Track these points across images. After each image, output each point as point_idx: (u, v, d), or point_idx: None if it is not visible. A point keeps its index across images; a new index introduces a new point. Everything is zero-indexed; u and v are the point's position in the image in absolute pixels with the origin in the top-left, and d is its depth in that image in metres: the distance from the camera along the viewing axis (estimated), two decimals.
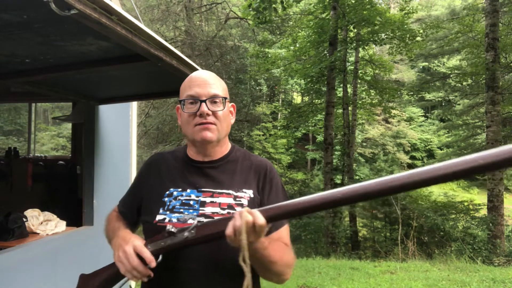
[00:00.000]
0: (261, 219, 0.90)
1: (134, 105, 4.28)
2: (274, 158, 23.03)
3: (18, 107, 16.38)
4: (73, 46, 2.00)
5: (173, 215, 1.13)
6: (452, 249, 8.71)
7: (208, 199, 1.14)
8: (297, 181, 19.59)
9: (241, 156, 1.26)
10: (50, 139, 18.58)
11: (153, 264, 0.98)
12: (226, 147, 1.25)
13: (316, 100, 14.67)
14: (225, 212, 1.12)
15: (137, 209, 1.25)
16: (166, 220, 1.12)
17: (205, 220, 1.07)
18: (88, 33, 1.73)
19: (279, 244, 1.11)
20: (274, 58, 14.44)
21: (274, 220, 0.93)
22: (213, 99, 1.16)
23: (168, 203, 1.15)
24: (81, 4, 1.32)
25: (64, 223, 3.15)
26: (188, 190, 1.16)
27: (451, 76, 15.13)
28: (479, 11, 12.70)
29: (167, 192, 1.17)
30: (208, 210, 1.12)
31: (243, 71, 16.38)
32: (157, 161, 1.29)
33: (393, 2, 26.01)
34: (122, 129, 4.10)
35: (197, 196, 1.15)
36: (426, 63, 27.02)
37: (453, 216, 10.63)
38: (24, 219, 2.89)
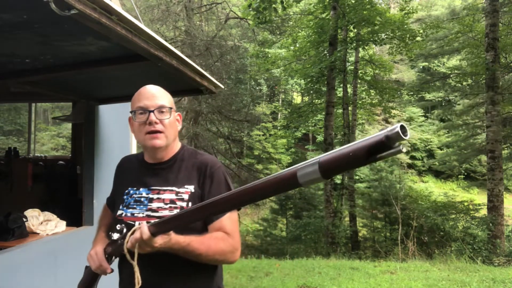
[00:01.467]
0: (145, 235, 1.09)
1: None
2: (274, 158, 23.04)
3: (18, 107, 16.37)
4: (73, 46, 2.00)
5: (128, 210, 1.35)
6: (452, 249, 8.71)
7: (155, 196, 1.33)
8: None
9: (188, 155, 1.42)
10: (50, 139, 18.58)
11: (108, 270, 1.30)
12: (174, 149, 1.41)
13: (316, 100, 14.67)
14: (167, 206, 1.30)
15: (113, 202, 1.49)
16: (123, 215, 1.35)
17: (137, 224, 1.25)
18: (88, 33, 1.73)
19: (210, 236, 1.26)
20: (274, 58, 14.44)
21: (163, 232, 1.11)
22: (160, 109, 1.32)
23: (126, 200, 1.37)
24: (81, 4, 1.32)
25: (64, 223, 3.15)
26: (141, 189, 1.37)
27: (451, 76, 15.12)
28: (479, 11, 12.70)
29: (126, 191, 1.40)
30: (154, 205, 1.32)
31: (243, 71, 16.37)
32: (123, 164, 1.53)
33: (393, 2, 26.00)
34: (122, 129, 4.09)
35: (147, 194, 1.35)
36: (426, 63, 26.99)
37: (453, 216, 10.63)
38: (24, 219, 2.89)
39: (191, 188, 1.33)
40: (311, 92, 14.88)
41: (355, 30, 13.35)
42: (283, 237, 14.00)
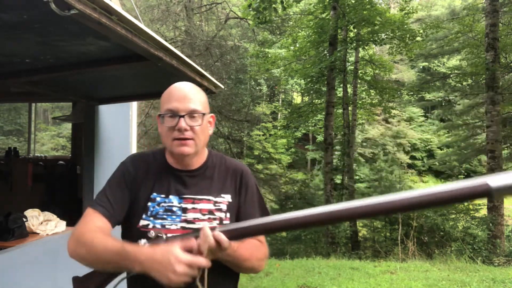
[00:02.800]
0: (225, 242, 1.00)
1: (134, 105, 4.27)
2: (274, 158, 23.02)
3: (18, 107, 16.38)
4: (73, 46, 2.00)
5: (157, 221, 1.17)
6: (452, 249, 8.70)
7: (189, 205, 1.20)
8: (297, 181, 19.57)
9: (218, 162, 1.31)
10: (50, 139, 18.59)
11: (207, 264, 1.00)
12: (203, 155, 1.29)
13: (316, 100, 14.67)
14: (205, 217, 1.19)
15: (127, 209, 1.20)
16: (150, 226, 1.16)
17: (173, 234, 1.12)
18: (88, 33, 1.73)
19: (250, 242, 1.19)
20: (274, 58, 14.43)
21: (238, 239, 1.03)
22: (191, 114, 1.18)
23: (152, 209, 1.18)
24: (81, 4, 1.32)
25: (64, 223, 3.15)
26: (170, 197, 1.20)
27: (451, 76, 15.13)
28: (479, 11, 12.70)
29: (151, 197, 1.20)
30: (190, 216, 1.18)
31: (243, 71, 16.37)
32: (141, 162, 1.27)
33: (393, 2, 26.00)
34: (122, 129, 4.09)
35: (179, 203, 1.20)
36: (426, 63, 27.01)
37: (453, 216, 10.62)
38: (24, 219, 2.89)
39: (227, 197, 1.25)
40: (311, 92, 14.88)
41: (355, 30, 13.35)
42: (283, 237, 14.00)
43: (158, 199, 1.20)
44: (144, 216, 1.18)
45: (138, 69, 2.42)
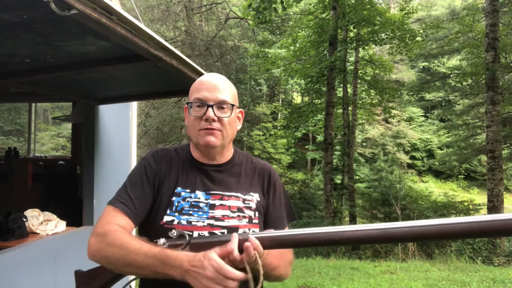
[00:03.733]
0: (263, 252, 0.92)
1: (134, 105, 4.28)
2: (274, 158, 23.04)
3: (18, 107, 16.37)
4: (73, 46, 2.00)
5: (182, 217, 1.09)
6: (452, 249, 8.70)
7: (217, 202, 1.14)
8: (297, 181, 19.61)
9: (244, 159, 1.27)
10: (50, 139, 18.58)
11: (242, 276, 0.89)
12: (230, 151, 1.24)
13: (316, 100, 14.67)
14: (235, 215, 1.13)
15: (150, 206, 1.12)
16: (175, 222, 1.08)
17: (196, 235, 1.06)
18: (88, 33, 1.73)
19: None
20: (274, 58, 14.44)
21: (273, 248, 0.94)
22: (220, 104, 1.14)
23: (176, 204, 1.11)
24: (81, 4, 1.32)
25: (64, 223, 3.15)
26: (197, 192, 1.14)
27: (451, 76, 15.13)
28: (479, 11, 12.70)
29: (175, 191, 1.13)
30: (218, 213, 1.12)
31: (243, 71, 16.38)
32: (163, 156, 1.20)
33: (393, 2, 26.00)
34: (122, 129, 4.09)
35: (206, 199, 1.14)
36: (426, 63, 27.02)
37: (453, 216, 10.63)
38: (24, 219, 2.89)
39: (256, 196, 1.20)
40: (311, 92, 14.88)
41: (355, 30, 13.36)
42: None
43: (183, 193, 1.13)
44: (168, 211, 1.10)
45: (138, 69, 2.42)
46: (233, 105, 1.16)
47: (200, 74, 2.62)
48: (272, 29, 15.67)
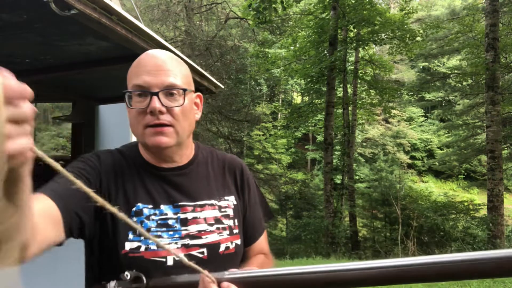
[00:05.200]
0: None
1: None
2: (274, 158, 23.04)
3: None
4: (73, 46, 2.00)
5: (150, 240, 0.84)
6: (452, 249, 8.71)
7: (189, 215, 0.91)
8: (297, 181, 19.60)
9: (209, 155, 1.03)
10: (50, 139, 18.58)
11: None
12: (191, 148, 1.00)
13: (316, 100, 14.68)
14: (213, 228, 0.92)
15: (91, 215, 0.84)
16: (142, 249, 0.84)
17: (171, 263, 0.85)
18: (88, 33, 1.73)
19: (258, 258, 1.02)
20: (274, 58, 14.45)
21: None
22: (168, 90, 0.87)
23: (140, 225, 0.87)
24: (81, 4, 1.32)
25: None
26: (161, 207, 0.89)
27: (451, 76, 15.14)
28: (479, 11, 12.70)
29: (134, 209, 0.88)
30: (192, 228, 0.90)
31: (243, 71, 16.37)
32: (110, 162, 0.92)
33: (393, 2, 26.01)
34: (122, 129, 4.10)
35: (175, 213, 0.90)
36: (426, 63, 27.01)
37: (453, 216, 10.64)
38: None
39: (231, 199, 0.99)
40: (311, 92, 14.89)
41: (355, 30, 13.37)
42: (283, 237, 14.02)
43: (145, 210, 0.88)
44: (131, 236, 0.85)
45: None
46: (185, 90, 0.89)
47: (200, 74, 2.62)
48: (272, 29, 15.67)
